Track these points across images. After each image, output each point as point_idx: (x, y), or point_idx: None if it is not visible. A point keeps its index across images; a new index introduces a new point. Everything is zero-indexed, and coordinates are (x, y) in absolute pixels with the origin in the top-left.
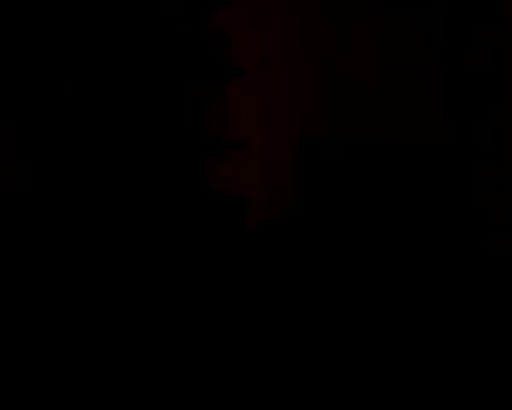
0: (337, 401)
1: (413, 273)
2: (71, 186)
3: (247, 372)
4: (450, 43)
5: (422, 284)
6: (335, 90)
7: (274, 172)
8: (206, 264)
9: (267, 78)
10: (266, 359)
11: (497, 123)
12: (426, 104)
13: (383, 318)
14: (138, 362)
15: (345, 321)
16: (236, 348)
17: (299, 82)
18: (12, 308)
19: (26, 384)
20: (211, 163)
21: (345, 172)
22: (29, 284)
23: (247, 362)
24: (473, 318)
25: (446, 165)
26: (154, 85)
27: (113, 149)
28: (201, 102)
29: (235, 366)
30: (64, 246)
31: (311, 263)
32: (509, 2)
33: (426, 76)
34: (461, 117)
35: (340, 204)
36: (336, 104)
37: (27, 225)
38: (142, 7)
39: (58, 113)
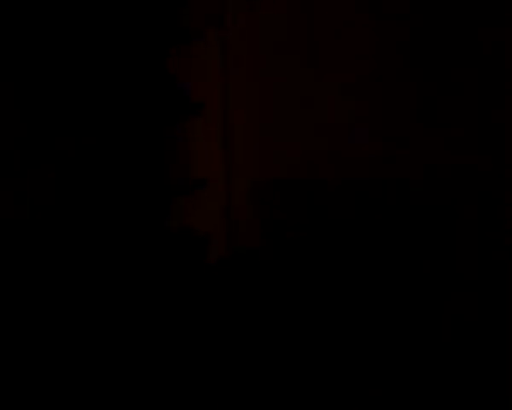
0: (337, 400)
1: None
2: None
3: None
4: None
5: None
6: (297, 131)
7: (235, 208)
8: (162, 299)
9: (227, 115)
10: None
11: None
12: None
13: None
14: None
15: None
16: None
17: (258, 121)
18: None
19: (25, 384)
20: (171, 201)
21: (306, 210)
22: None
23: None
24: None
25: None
26: (111, 124)
27: (73, 185)
28: (161, 141)
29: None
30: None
31: (269, 296)
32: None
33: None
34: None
35: (302, 241)
36: (297, 145)
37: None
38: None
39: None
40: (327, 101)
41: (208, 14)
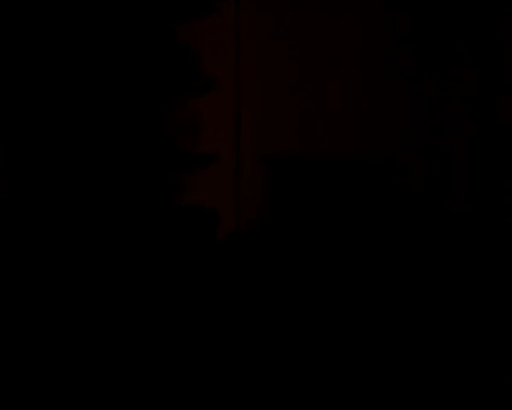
0: (337, 400)
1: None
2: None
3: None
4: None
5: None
6: (309, 107)
7: (245, 185)
8: (170, 276)
9: (240, 91)
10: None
11: None
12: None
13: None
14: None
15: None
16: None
17: (272, 97)
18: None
19: (25, 384)
20: (181, 176)
21: (314, 188)
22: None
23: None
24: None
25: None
26: (122, 97)
27: (81, 162)
28: (172, 115)
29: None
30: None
31: (277, 273)
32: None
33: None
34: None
35: (310, 218)
36: (309, 121)
37: None
38: (109, 17)
39: None
40: (334, 82)
41: None
